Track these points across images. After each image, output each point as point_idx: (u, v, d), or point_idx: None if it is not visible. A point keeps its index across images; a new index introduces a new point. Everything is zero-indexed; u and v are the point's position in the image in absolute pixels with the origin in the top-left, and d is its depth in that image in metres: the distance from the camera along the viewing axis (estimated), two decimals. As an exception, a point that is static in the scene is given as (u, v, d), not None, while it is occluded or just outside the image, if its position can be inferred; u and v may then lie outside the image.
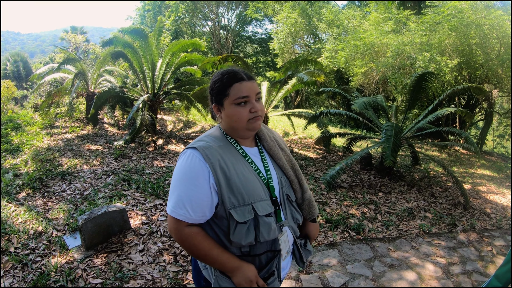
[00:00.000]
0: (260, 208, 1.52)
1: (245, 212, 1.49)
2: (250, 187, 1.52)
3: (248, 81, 1.57)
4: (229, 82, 1.56)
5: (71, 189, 5.52)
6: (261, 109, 1.59)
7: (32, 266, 3.48)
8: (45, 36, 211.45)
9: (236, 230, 1.48)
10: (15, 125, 9.57)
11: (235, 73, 1.58)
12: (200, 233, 1.52)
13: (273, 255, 1.63)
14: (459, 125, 14.02)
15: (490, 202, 7.04)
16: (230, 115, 1.57)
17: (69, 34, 28.46)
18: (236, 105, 1.55)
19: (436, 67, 10.12)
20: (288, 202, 1.73)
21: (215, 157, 1.50)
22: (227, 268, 1.53)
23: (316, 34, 19.51)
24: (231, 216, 1.48)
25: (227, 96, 1.56)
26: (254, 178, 1.57)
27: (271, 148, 1.76)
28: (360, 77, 13.01)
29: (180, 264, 3.60)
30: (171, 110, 14.11)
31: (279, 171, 1.74)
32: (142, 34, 9.14)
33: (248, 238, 1.50)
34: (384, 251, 4.31)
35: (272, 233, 1.55)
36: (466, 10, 10.74)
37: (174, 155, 7.78)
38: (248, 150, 1.67)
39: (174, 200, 1.49)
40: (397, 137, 6.17)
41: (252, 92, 1.56)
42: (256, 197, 1.53)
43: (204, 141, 1.57)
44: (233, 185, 1.49)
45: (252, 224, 1.51)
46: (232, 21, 27.84)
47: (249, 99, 1.55)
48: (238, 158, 1.59)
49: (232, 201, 1.49)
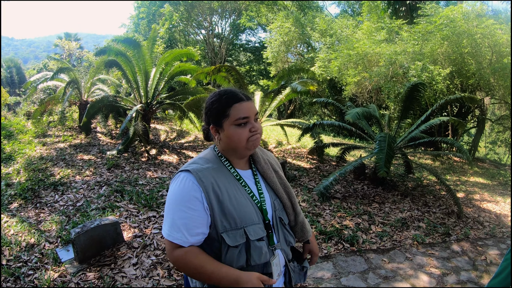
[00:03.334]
0: (252, 232, 1.51)
1: (236, 236, 1.48)
2: (242, 211, 1.52)
3: (247, 102, 1.57)
4: (229, 103, 1.54)
5: (63, 200, 5.48)
6: (259, 127, 1.59)
7: (24, 279, 3.44)
8: (39, 42, 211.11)
9: (227, 254, 1.47)
10: (7, 133, 9.51)
11: (234, 94, 1.57)
12: (194, 252, 1.49)
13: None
14: (452, 132, 14.12)
15: (484, 211, 7.08)
16: (231, 136, 1.55)
17: (63, 41, 28.46)
18: (236, 126, 1.54)
19: (428, 76, 10.20)
20: (281, 225, 1.72)
21: (208, 180, 1.50)
22: (230, 280, 1.46)
23: (309, 43, 19.63)
24: (223, 240, 1.47)
25: (227, 117, 1.54)
26: (247, 201, 1.56)
27: (265, 170, 1.75)
28: (353, 86, 13.09)
29: (174, 278, 3.57)
30: (164, 120, 14.09)
31: (272, 194, 1.73)
32: (135, 43, 9.15)
33: (239, 261, 1.49)
34: (379, 262, 4.31)
35: (264, 257, 1.54)
36: (458, 20, 10.88)
37: (167, 165, 7.75)
38: (242, 172, 1.66)
39: (170, 224, 1.48)
40: (390, 147, 6.19)
41: (252, 112, 1.56)
42: (248, 221, 1.52)
43: (198, 163, 1.57)
44: (226, 209, 1.48)
45: (244, 248, 1.50)
46: (226, 29, 27.91)
47: (249, 119, 1.55)
48: (232, 181, 1.58)
49: (224, 225, 1.48)
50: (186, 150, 9.47)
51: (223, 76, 9.37)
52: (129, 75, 9.34)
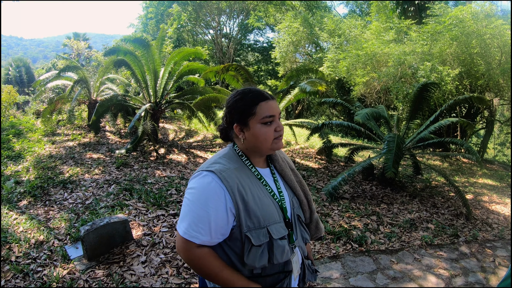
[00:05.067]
0: (275, 231, 1.52)
1: (260, 235, 1.49)
2: (265, 210, 1.53)
3: (272, 100, 1.57)
4: (255, 101, 1.54)
5: (72, 198, 5.52)
6: (283, 127, 1.60)
7: (33, 276, 3.47)
8: (47, 41, 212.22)
9: (250, 253, 1.47)
10: (17, 132, 9.59)
11: (259, 92, 1.57)
12: (211, 253, 1.50)
13: (285, 276, 1.61)
14: (461, 133, 14.00)
15: (492, 212, 7.02)
16: (257, 135, 1.55)
17: (71, 41, 28.56)
18: (263, 124, 1.53)
19: (437, 76, 10.13)
20: (298, 223, 1.74)
21: (233, 180, 1.49)
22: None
23: (318, 43, 19.55)
24: (246, 239, 1.47)
25: (253, 115, 1.54)
26: (269, 201, 1.57)
27: (283, 169, 1.76)
28: (362, 86, 13.02)
29: (183, 276, 3.58)
30: (172, 119, 14.12)
31: (290, 192, 1.75)
32: (144, 43, 9.18)
33: (262, 261, 1.49)
34: (387, 263, 4.30)
35: (285, 255, 1.55)
36: (467, 20, 10.78)
37: (176, 165, 7.78)
38: (261, 171, 1.66)
39: (188, 222, 1.47)
40: (399, 148, 6.16)
41: (277, 111, 1.56)
42: (271, 220, 1.53)
43: (220, 163, 1.56)
44: (250, 209, 1.49)
45: (266, 247, 1.51)
46: (234, 29, 27.91)
47: (275, 118, 1.55)
48: (254, 181, 1.58)
49: (248, 224, 1.48)
50: (194, 149, 9.49)
51: (232, 75, 9.37)
52: (138, 74, 9.38)
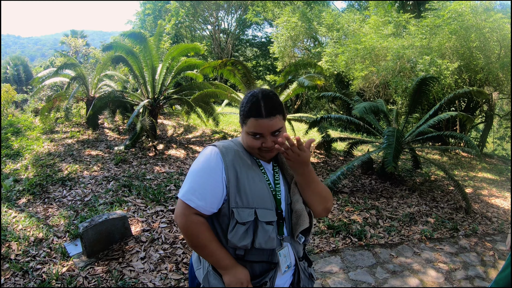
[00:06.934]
0: (262, 214, 1.54)
1: (246, 213, 1.52)
2: (257, 192, 1.56)
3: (266, 119, 1.53)
4: (248, 114, 1.56)
5: (71, 195, 5.51)
6: (275, 144, 1.52)
7: (33, 273, 3.46)
8: (45, 39, 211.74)
9: (234, 230, 1.51)
10: (15, 130, 9.56)
11: (256, 106, 1.54)
12: (205, 223, 1.57)
13: (269, 267, 1.62)
14: (460, 127, 14.00)
15: (492, 206, 7.03)
16: (244, 139, 1.63)
17: (69, 38, 28.51)
18: (250, 135, 1.58)
19: (436, 70, 10.11)
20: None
21: (232, 156, 1.59)
22: (221, 264, 1.56)
23: (316, 37, 19.52)
24: (232, 215, 1.52)
25: (245, 124, 1.59)
26: (263, 186, 1.60)
27: (286, 168, 1.77)
28: (361, 80, 13.00)
29: (182, 272, 3.58)
30: (171, 115, 14.08)
31: (288, 188, 1.74)
32: (142, 38, 9.12)
33: (245, 240, 1.51)
34: (386, 257, 4.30)
35: (270, 242, 1.55)
36: (466, 13, 10.75)
37: (175, 160, 7.76)
38: (263, 164, 1.70)
39: (188, 187, 1.56)
40: (398, 142, 6.15)
41: (267, 130, 1.54)
42: (260, 204, 1.55)
43: (225, 143, 1.67)
44: (241, 186, 1.55)
45: (252, 227, 1.53)
46: (232, 24, 27.89)
47: (264, 135, 1.56)
48: (253, 166, 1.64)
49: (237, 201, 1.53)
50: (193, 145, 9.47)
51: (230, 70, 9.33)
52: (136, 70, 9.34)
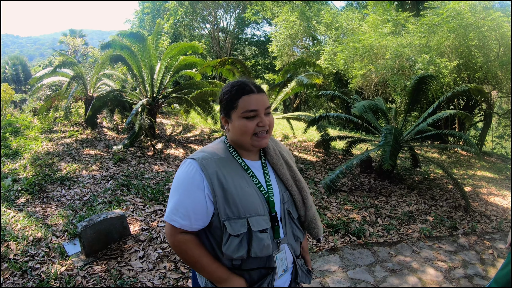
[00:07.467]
0: (255, 223, 1.49)
1: (238, 225, 1.47)
2: (247, 200, 1.50)
3: (258, 94, 1.53)
4: (238, 94, 1.52)
5: (70, 195, 5.50)
6: (270, 123, 1.56)
7: (31, 273, 3.46)
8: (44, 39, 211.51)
9: (228, 242, 1.46)
10: (14, 130, 9.54)
11: (244, 85, 1.54)
12: (193, 240, 1.53)
13: (267, 272, 1.58)
14: (459, 126, 14.02)
15: (491, 204, 7.03)
16: (237, 128, 1.55)
17: (68, 38, 28.51)
18: (244, 118, 1.52)
19: (435, 69, 10.11)
20: (289, 219, 1.68)
21: (212, 168, 1.50)
22: (214, 277, 1.52)
23: (315, 36, 19.49)
24: (224, 228, 1.47)
25: (235, 108, 1.53)
26: (253, 192, 1.54)
27: (275, 162, 1.71)
28: (359, 79, 12.98)
29: (181, 271, 3.57)
30: (170, 114, 14.08)
31: (282, 186, 1.69)
32: (141, 37, 9.11)
33: (240, 252, 1.47)
34: (385, 256, 4.30)
35: (266, 249, 1.51)
36: (465, 12, 10.75)
37: (174, 159, 7.76)
38: (250, 163, 1.64)
39: (171, 207, 1.52)
40: (396, 140, 6.16)
41: (261, 105, 1.53)
42: (252, 212, 1.50)
43: (205, 152, 1.57)
44: (229, 197, 1.48)
45: (246, 238, 1.48)
46: (231, 23, 27.89)
47: (258, 113, 1.52)
48: (239, 171, 1.56)
49: (227, 213, 1.47)
50: (192, 144, 9.47)
51: (229, 69, 9.33)
52: (135, 69, 9.33)
